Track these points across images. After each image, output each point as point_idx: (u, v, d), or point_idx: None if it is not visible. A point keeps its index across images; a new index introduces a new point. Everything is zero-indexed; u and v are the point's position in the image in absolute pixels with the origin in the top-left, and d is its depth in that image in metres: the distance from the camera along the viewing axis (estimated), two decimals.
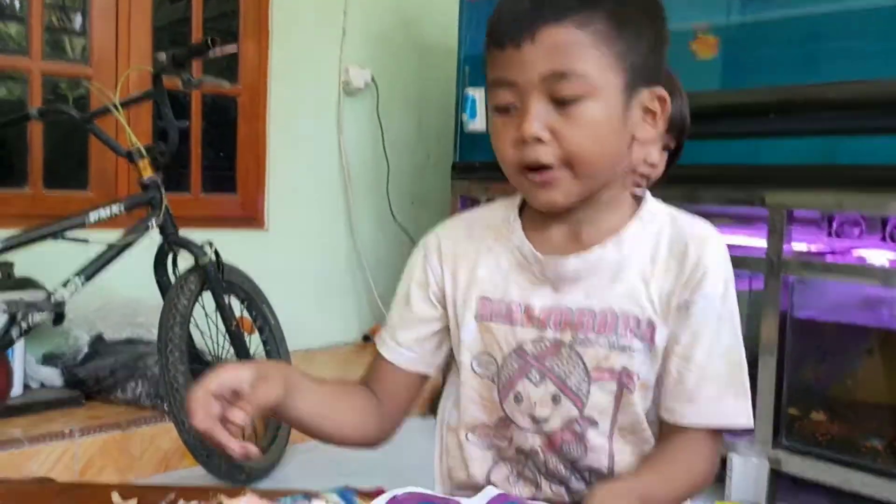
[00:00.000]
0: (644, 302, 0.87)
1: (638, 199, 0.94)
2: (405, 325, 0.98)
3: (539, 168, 0.84)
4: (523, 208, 0.95)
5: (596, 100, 0.83)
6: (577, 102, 0.82)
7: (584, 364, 0.88)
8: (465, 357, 0.94)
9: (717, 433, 0.89)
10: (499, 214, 0.97)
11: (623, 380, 0.87)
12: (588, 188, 0.87)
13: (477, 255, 0.95)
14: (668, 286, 0.88)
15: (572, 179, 0.85)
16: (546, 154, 0.83)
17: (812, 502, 2.24)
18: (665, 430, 0.90)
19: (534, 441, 0.91)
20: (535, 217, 0.93)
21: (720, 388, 0.87)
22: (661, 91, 0.88)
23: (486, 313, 0.92)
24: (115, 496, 0.89)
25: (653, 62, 0.88)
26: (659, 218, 0.91)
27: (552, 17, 0.82)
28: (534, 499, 0.92)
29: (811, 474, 2.20)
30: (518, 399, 0.91)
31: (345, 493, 0.79)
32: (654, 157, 1.43)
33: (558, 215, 0.90)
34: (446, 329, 0.97)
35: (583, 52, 0.82)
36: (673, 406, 0.88)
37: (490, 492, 0.83)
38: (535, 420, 0.91)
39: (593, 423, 0.89)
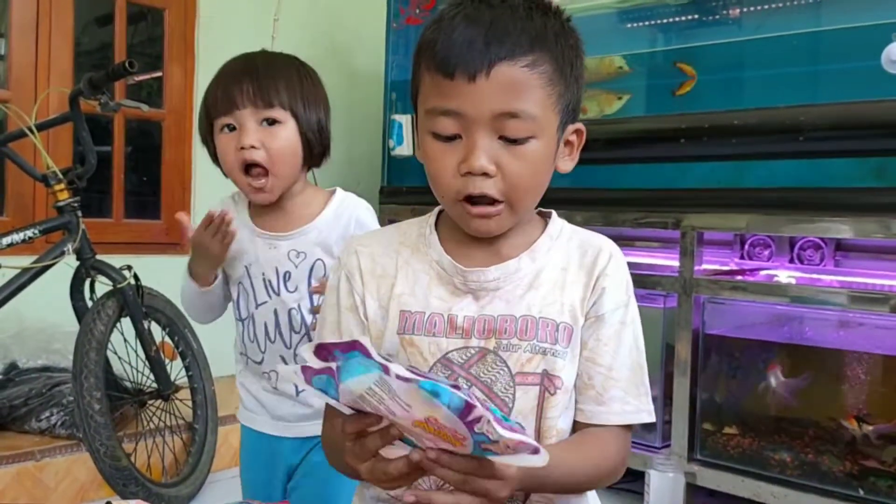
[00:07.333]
0: (560, 307, 0.93)
1: (543, 216, 1.00)
2: None
3: (480, 200, 0.88)
4: (437, 224, 0.99)
5: (539, 139, 0.88)
6: (525, 142, 0.86)
7: (508, 369, 0.91)
8: None
9: (626, 427, 0.95)
10: (413, 231, 1.00)
11: (545, 383, 0.92)
12: (519, 218, 0.93)
13: (395, 271, 0.97)
14: (580, 294, 0.94)
15: (509, 213, 0.90)
16: (491, 187, 0.87)
17: None
18: (577, 427, 0.95)
19: None
20: (452, 233, 0.96)
21: (625, 389, 0.93)
22: (580, 125, 0.95)
23: (407, 326, 0.94)
24: None
25: (579, 100, 0.94)
26: (564, 233, 0.98)
27: (507, 55, 0.84)
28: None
29: (725, 487, 2.27)
30: None
31: None
32: None
33: None
34: None
35: (533, 93, 0.86)
36: (583, 407, 0.94)
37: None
38: None
39: (520, 426, 0.92)
